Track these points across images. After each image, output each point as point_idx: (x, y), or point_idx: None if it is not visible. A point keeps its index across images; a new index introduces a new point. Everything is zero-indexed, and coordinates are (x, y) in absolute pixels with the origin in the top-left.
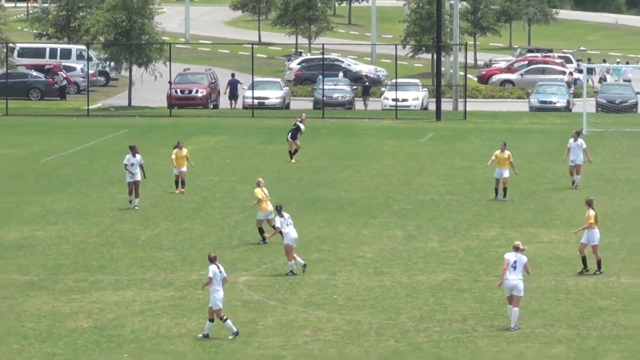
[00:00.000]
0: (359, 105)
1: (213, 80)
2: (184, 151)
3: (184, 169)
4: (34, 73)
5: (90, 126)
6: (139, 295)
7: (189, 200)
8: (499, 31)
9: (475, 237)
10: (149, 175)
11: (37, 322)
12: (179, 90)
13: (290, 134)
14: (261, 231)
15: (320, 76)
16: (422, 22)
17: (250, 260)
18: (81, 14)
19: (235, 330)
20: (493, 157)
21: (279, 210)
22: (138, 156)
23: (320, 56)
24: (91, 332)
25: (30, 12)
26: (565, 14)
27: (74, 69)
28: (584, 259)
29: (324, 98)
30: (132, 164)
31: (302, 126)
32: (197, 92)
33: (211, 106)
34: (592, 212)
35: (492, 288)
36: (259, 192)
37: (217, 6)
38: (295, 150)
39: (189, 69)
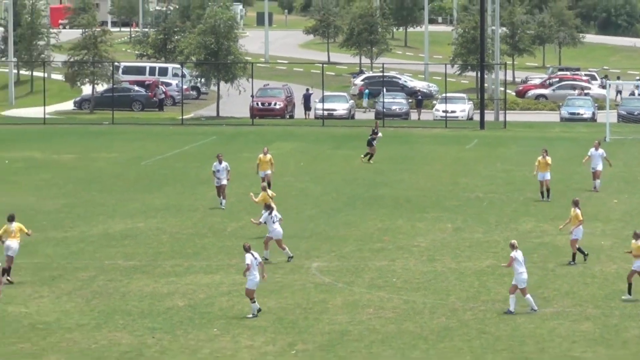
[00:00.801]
0: (413, 116)
1: (289, 94)
2: (268, 156)
3: (269, 172)
4: (136, 88)
5: (184, 133)
6: (226, 278)
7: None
8: (534, 52)
9: (514, 229)
10: (234, 175)
11: (140, 301)
12: (259, 103)
13: (368, 141)
14: None
15: (367, 90)
16: (468, 45)
17: (321, 248)
18: (176, 37)
19: (257, 309)
20: (536, 163)
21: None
22: (224, 163)
23: (381, 74)
24: (186, 309)
25: (133, 35)
26: (590, 38)
27: (170, 84)
28: (574, 254)
29: (384, 110)
30: (218, 170)
31: (379, 134)
32: (275, 104)
33: (287, 116)
34: (578, 211)
35: (529, 273)
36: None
37: (293, 31)
38: (371, 155)
39: (268, 84)
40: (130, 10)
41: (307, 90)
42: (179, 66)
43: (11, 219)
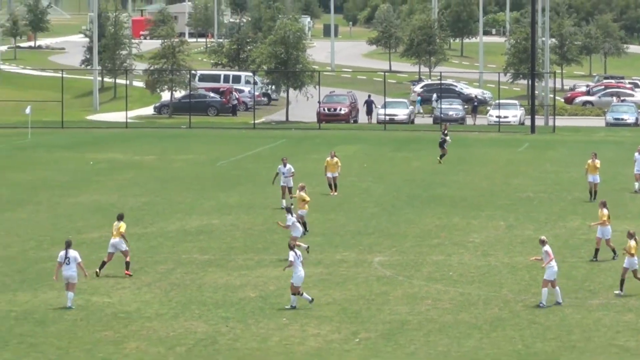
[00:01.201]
0: (469, 121)
1: (353, 101)
2: (335, 159)
3: (336, 174)
4: (211, 94)
5: (256, 137)
6: None
7: (334, 196)
8: (581, 62)
9: (562, 226)
10: (303, 176)
11: (214, 292)
12: (326, 108)
13: (439, 142)
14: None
15: (420, 98)
16: (520, 55)
17: (383, 244)
18: (248, 47)
19: (310, 298)
20: (586, 166)
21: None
22: (288, 165)
23: (439, 81)
24: (257, 300)
25: (209, 45)
26: (634, 48)
27: (243, 91)
28: (596, 250)
29: (442, 115)
30: (283, 173)
31: (448, 138)
32: (340, 110)
33: (352, 121)
34: (605, 212)
35: (576, 267)
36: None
37: (357, 41)
38: (442, 155)
39: (334, 91)
40: (206, 22)
41: (369, 96)
42: (251, 74)
43: (119, 217)
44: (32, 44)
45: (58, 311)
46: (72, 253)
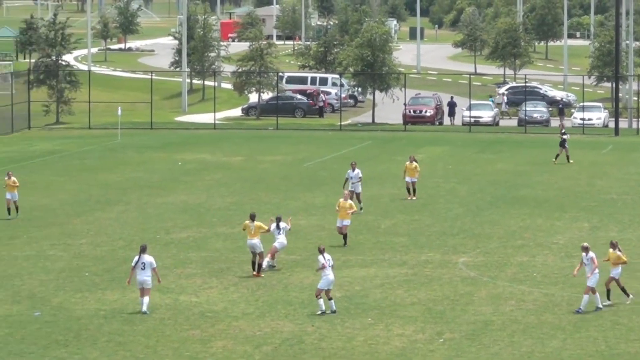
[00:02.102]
0: (555, 123)
1: (438, 103)
2: (414, 164)
3: (415, 178)
4: (298, 96)
5: (342, 138)
6: (380, 271)
7: (419, 197)
8: None
9: None
10: (386, 177)
11: (300, 292)
12: (411, 110)
13: (559, 142)
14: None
15: (492, 99)
16: (604, 58)
17: (467, 245)
18: (335, 50)
19: (323, 310)
20: None
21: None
22: (357, 170)
23: (523, 84)
24: (342, 300)
25: (296, 48)
26: None
27: (329, 93)
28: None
29: (526, 117)
30: (351, 177)
31: (567, 137)
32: (426, 112)
33: (437, 123)
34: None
35: None
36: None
37: (442, 44)
38: (565, 155)
39: (419, 93)
40: (293, 25)
41: (452, 98)
42: (338, 76)
43: (252, 217)
44: (122, 46)
45: None
46: (148, 258)
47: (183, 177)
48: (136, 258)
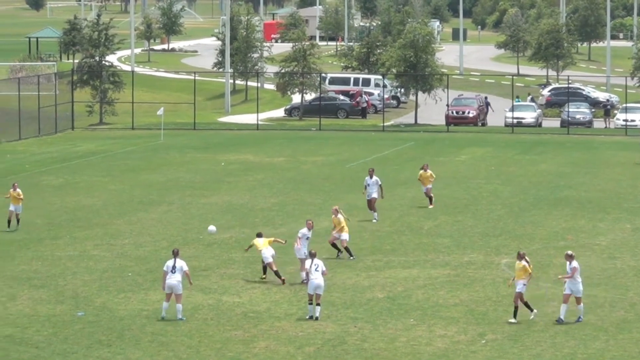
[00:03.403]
0: (599, 124)
1: (481, 104)
2: (428, 172)
3: (429, 186)
4: (341, 97)
5: (385, 139)
6: (422, 272)
7: (462, 198)
8: None
9: None
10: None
11: (343, 293)
12: (454, 111)
13: None
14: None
15: (518, 99)
16: None
17: (510, 246)
18: (378, 51)
19: (311, 315)
20: None
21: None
22: (375, 177)
23: (566, 85)
24: (385, 301)
25: (339, 49)
26: None
27: (372, 94)
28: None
29: (569, 118)
30: (369, 185)
31: None
32: (469, 112)
33: (480, 124)
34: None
35: None
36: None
37: (485, 45)
38: None
39: (462, 94)
40: (336, 26)
41: (485, 98)
42: (380, 77)
43: (258, 235)
44: (165, 46)
45: (189, 310)
46: (179, 262)
47: (226, 178)
48: (171, 262)
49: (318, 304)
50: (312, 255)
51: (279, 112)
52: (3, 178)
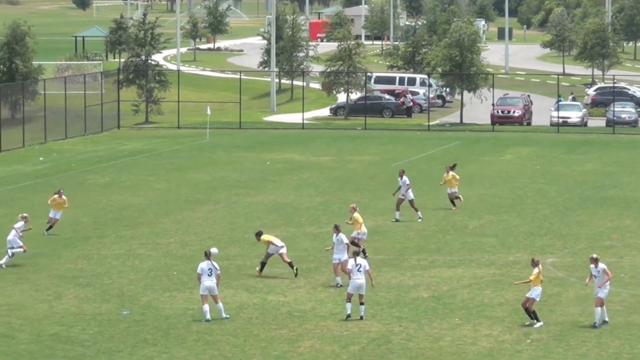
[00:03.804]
0: None
1: (527, 103)
2: (451, 174)
3: (454, 189)
4: (387, 96)
5: (430, 138)
6: (468, 271)
7: (507, 197)
8: None
9: None
10: (474, 177)
11: (388, 292)
12: (499, 111)
13: None
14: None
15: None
16: None
17: (555, 245)
18: (423, 50)
19: (349, 313)
20: None
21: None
22: (405, 178)
23: (612, 85)
24: (430, 300)
25: (384, 48)
26: None
27: (417, 93)
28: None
29: (615, 118)
30: (400, 186)
31: None
32: (514, 112)
33: (525, 123)
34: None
35: None
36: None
37: (531, 44)
38: None
39: (507, 94)
40: (382, 25)
41: (528, 96)
42: (426, 76)
43: (258, 235)
44: (211, 45)
45: (234, 309)
46: (214, 264)
47: (271, 177)
48: (206, 264)
49: (362, 303)
50: (355, 254)
51: (325, 111)
52: (50, 177)
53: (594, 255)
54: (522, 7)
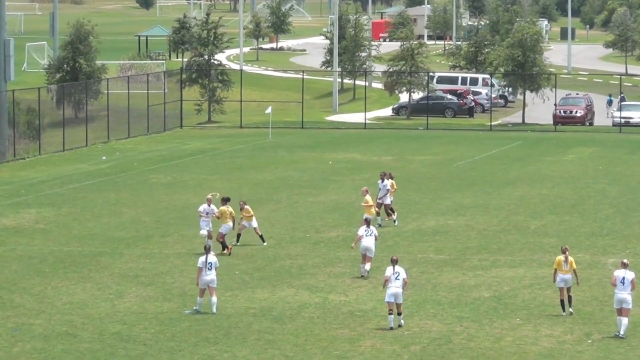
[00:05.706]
0: None
1: (589, 104)
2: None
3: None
4: (449, 96)
5: (492, 138)
6: (529, 272)
7: (569, 198)
8: None
9: None
10: (536, 177)
11: (449, 292)
12: (562, 111)
13: None
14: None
15: (610, 97)
16: None
17: (617, 246)
18: (486, 50)
19: (392, 326)
20: None
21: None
22: (386, 181)
23: None
24: (491, 300)
25: (447, 48)
26: None
27: (479, 93)
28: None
29: None
30: (379, 189)
31: None
32: (576, 112)
33: (587, 124)
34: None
35: None
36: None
37: (593, 44)
38: None
39: (570, 94)
40: (444, 25)
41: (587, 95)
42: (488, 76)
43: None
44: (274, 45)
45: (295, 308)
46: (212, 258)
47: (333, 177)
48: (204, 258)
49: (399, 313)
50: (393, 262)
51: (387, 111)
52: (113, 176)
53: (625, 260)
54: (584, 7)
